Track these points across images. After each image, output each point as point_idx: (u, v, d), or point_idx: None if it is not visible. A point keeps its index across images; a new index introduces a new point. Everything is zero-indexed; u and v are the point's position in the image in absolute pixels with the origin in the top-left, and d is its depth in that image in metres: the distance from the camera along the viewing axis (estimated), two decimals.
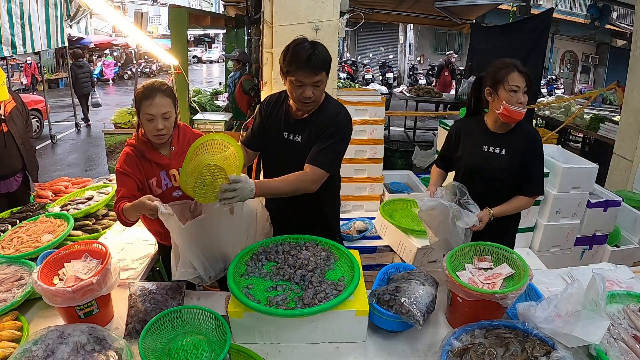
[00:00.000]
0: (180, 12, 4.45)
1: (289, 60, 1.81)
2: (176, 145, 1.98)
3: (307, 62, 1.77)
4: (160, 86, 1.86)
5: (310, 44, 1.81)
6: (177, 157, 1.96)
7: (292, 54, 1.80)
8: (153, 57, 18.39)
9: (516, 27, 6.27)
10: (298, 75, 1.80)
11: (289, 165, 1.90)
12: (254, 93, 5.04)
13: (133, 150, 1.93)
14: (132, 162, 1.91)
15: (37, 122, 8.58)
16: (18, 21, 5.59)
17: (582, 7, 16.18)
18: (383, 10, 7.96)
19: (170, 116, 1.87)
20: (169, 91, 1.88)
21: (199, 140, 1.66)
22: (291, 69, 1.81)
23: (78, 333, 1.49)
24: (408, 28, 18.86)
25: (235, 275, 1.68)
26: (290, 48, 1.82)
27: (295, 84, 1.83)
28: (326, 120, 1.92)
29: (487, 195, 2.03)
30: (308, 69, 1.78)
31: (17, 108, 3.19)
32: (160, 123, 1.84)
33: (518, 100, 1.86)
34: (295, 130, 1.98)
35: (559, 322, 1.43)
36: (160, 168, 1.95)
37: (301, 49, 1.79)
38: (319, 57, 1.79)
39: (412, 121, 9.12)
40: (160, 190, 1.97)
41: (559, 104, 7.65)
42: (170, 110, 1.86)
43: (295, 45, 1.81)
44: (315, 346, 1.59)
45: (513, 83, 1.86)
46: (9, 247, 2.14)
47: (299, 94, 1.84)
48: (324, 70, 1.83)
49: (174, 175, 1.97)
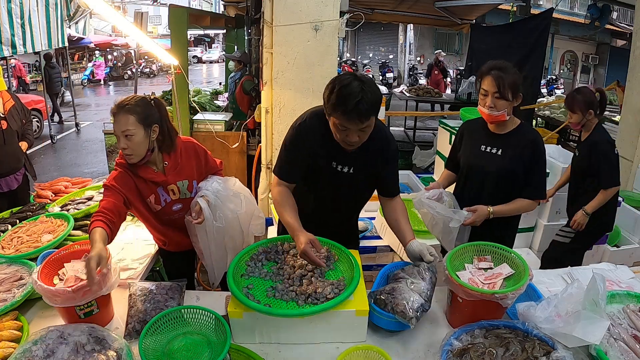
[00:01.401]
0: (180, 12, 4.45)
1: (333, 104, 1.59)
2: (169, 160, 1.90)
3: (354, 112, 1.56)
4: (127, 103, 1.75)
5: (359, 86, 1.55)
6: (173, 172, 1.91)
7: (338, 98, 1.57)
8: (153, 57, 18.39)
9: (516, 27, 6.28)
10: (343, 121, 1.61)
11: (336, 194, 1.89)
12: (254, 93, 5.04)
13: (125, 170, 1.85)
14: (124, 180, 1.83)
15: (37, 122, 8.59)
16: (18, 21, 5.59)
17: (582, 7, 16.18)
18: (383, 10, 7.95)
19: (133, 134, 1.73)
20: (136, 109, 1.74)
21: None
22: (335, 114, 1.60)
23: (78, 333, 1.49)
24: (408, 28, 18.87)
25: (235, 275, 1.68)
26: (335, 89, 1.58)
27: (339, 127, 1.64)
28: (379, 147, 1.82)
29: (483, 194, 2.06)
30: (355, 118, 1.58)
31: (16, 107, 3.21)
32: (123, 142, 1.73)
33: (486, 103, 1.92)
34: (345, 162, 1.82)
35: (559, 322, 1.43)
36: (157, 185, 1.90)
37: (349, 93, 1.55)
38: (368, 103, 1.56)
39: (412, 121, 9.12)
40: (160, 207, 1.94)
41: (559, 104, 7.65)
42: (132, 129, 1.72)
43: (342, 86, 1.57)
44: (315, 346, 1.59)
45: (483, 87, 1.94)
46: (9, 247, 2.14)
47: (343, 137, 1.66)
48: (373, 114, 1.62)
49: (172, 190, 1.92)
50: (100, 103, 13.65)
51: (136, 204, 1.91)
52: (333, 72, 3.08)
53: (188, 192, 1.98)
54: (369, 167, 1.84)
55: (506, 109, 1.91)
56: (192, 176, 1.99)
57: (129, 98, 1.79)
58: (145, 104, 1.80)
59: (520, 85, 1.92)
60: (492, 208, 1.98)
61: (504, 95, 1.88)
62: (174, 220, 2.01)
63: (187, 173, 1.97)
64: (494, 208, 1.98)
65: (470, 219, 1.96)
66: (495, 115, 1.92)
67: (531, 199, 2.03)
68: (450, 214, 1.96)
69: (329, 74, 3.05)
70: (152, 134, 1.80)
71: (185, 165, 1.97)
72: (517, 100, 1.94)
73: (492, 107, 1.91)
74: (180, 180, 1.95)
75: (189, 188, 1.98)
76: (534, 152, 1.97)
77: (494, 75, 1.89)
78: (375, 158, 1.83)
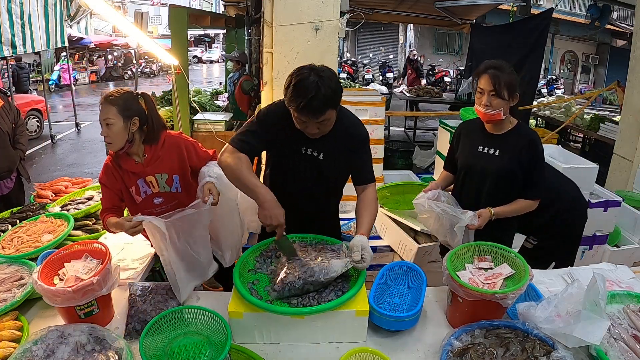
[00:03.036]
0: (180, 12, 4.46)
1: (289, 98, 1.64)
2: (148, 152, 1.96)
3: (307, 108, 1.60)
4: (112, 95, 1.87)
5: (315, 81, 1.58)
6: (152, 164, 1.95)
7: (293, 93, 1.61)
8: (153, 57, 18.39)
9: (516, 27, 6.27)
10: (299, 115, 1.66)
11: (307, 179, 1.90)
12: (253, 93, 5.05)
13: (112, 160, 1.96)
14: (110, 173, 1.96)
15: (37, 122, 8.60)
16: (18, 21, 5.59)
17: (582, 7, 16.18)
18: (383, 10, 7.96)
19: (112, 124, 1.83)
20: (118, 101, 1.85)
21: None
22: (291, 108, 1.66)
23: (78, 333, 1.49)
24: (408, 28, 18.88)
25: (242, 270, 1.69)
26: (291, 83, 1.62)
27: (297, 120, 1.70)
28: (348, 133, 1.85)
29: (481, 195, 2.06)
30: (309, 114, 1.62)
31: (5, 108, 3.15)
32: (104, 130, 1.85)
33: (482, 102, 1.93)
34: (315, 147, 1.85)
35: (559, 322, 1.43)
36: (137, 176, 1.96)
37: (304, 88, 1.58)
38: (322, 99, 1.59)
39: (412, 121, 9.12)
40: (141, 198, 1.98)
41: (559, 104, 7.65)
42: (112, 118, 1.83)
43: (298, 81, 1.60)
44: (315, 346, 1.59)
45: (479, 85, 1.95)
46: (9, 247, 2.14)
47: (303, 128, 1.73)
48: (329, 109, 1.64)
49: (150, 181, 1.97)
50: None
51: (124, 195, 2.01)
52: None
53: (167, 186, 2.00)
54: (338, 153, 1.86)
55: (502, 108, 1.92)
56: (172, 170, 2.00)
57: (116, 91, 1.91)
58: (128, 98, 1.89)
59: (517, 85, 1.93)
60: (493, 210, 1.98)
61: (499, 93, 1.89)
62: (157, 215, 2.00)
63: (167, 166, 1.99)
64: (495, 209, 1.98)
65: (477, 223, 1.95)
66: (491, 114, 1.93)
67: (531, 199, 2.03)
68: (457, 213, 1.96)
69: None
70: (132, 126, 1.88)
71: (165, 158, 1.98)
72: (514, 100, 1.94)
73: (488, 105, 1.92)
74: (159, 172, 1.97)
75: (168, 182, 2.00)
76: (531, 152, 1.97)
77: (491, 74, 1.90)
78: (344, 144, 1.85)
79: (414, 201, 2.09)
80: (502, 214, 2.00)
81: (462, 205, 2.07)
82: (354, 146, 1.88)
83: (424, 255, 2.65)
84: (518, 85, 1.93)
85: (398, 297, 1.80)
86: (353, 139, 1.88)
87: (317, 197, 1.98)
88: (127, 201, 2.03)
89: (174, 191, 2.01)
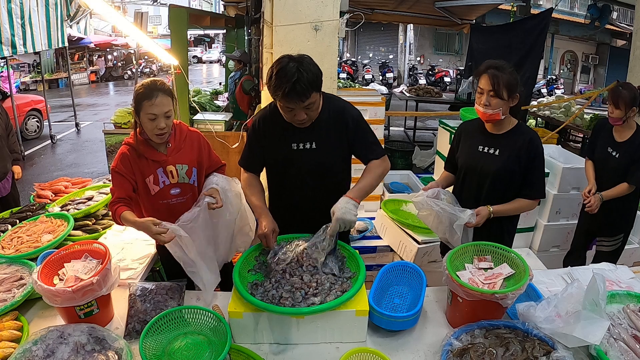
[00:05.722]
0: (180, 12, 4.45)
1: (273, 87, 1.69)
2: (173, 142, 1.99)
3: (292, 92, 1.65)
4: (161, 86, 1.88)
5: (295, 67, 1.65)
6: (174, 154, 1.98)
7: (276, 81, 1.67)
8: (153, 57, 18.39)
9: (516, 27, 6.28)
10: (285, 102, 1.71)
11: (304, 175, 1.90)
12: (254, 93, 5.04)
13: (130, 149, 1.94)
14: (128, 162, 1.93)
15: (37, 122, 8.60)
16: (18, 21, 5.59)
17: (582, 7, 16.18)
18: (383, 10, 7.96)
19: (171, 115, 1.89)
20: (169, 90, 1.89)
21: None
22: (277, 96, 1.71)
23: (78, 333, 1.49)
24: (408, 28, 18.86)
25: (242, 270, 1.69)
26: (273, 73, 1.68)
27: (284, 109, 1.75)
28: (341, 117, 1.88)
29: (481, 194, 2.06)
30: (295, 98, 1.67)
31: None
32: (163, 122, 1.86)
33: (482, 101, 1.94)
34: (304, 139, 1.88)
35: (559, 322, 1.43)
36: (158, 165, 1.96)
37: (285, 74, 1.64)
38: (306, 82, 1.65)
39: (412, 121, 9.12)
40: (158, 188, 1.98)
41: (559, 104, 7.64)
42: (171, 109, 1.88)
43: (279, 69, 1.67)
44: (315, 346, 1.59)
45: (479, 85, 1.96)
46: (9, 247, 2.14)
47: (291, 117, 1.77)
48: (313, 91, 1.70)
49: (170, 171, 1.98)
50: (100, 103, 13.64)
51: (139, 185, 1.97)
52: (333, 72, 3.07)
53: (187, 177, 2.02)
54: (332, 139, 1.88)
55: (501, 107, 1.92)
56: (192, 162, 2.03)
57: (156, 82, 1.90)
58: (169, 87, 1.93)
59: (517, 85, 1.93)
60: (492, 207, 1.98)
61: (499, 93, 1.89)
62: (171, 207, 2.01)
63: (187, 158, 2.02)
64: (494, 207, 1.99)
65: (475, 221, 1.95)
66: (490, 113, 1.93)
67: (531, 198, 2.03)
68: (456, 211, 1.96)
69: (329, 74, 3.05)
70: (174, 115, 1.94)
71: (187, 150, 2.03)
72: (514, 100, 1.94)
73: (487, 105, 1.92)
74: (180, 163, 1.99)
75: (188, 173, 2.02)
76: (531, 152, 1.97)
77: (490, 74, 1.90)
78: (337, 129, 1.87)
79: (413, 199, 2.10)
80: (501, 213, 2.00)
81: (463, 205, 2.07)
82: (348, 128, 1.89)
83: (424, 255, 2.65)
84: (519, 86, 1.93)
85: (398, 297, 1.80)
86: (346, 121, 1.89)
87: (321, 192, 1.97)
88: (141, 192, 1.99)
89: (192, 183, 2.04)
